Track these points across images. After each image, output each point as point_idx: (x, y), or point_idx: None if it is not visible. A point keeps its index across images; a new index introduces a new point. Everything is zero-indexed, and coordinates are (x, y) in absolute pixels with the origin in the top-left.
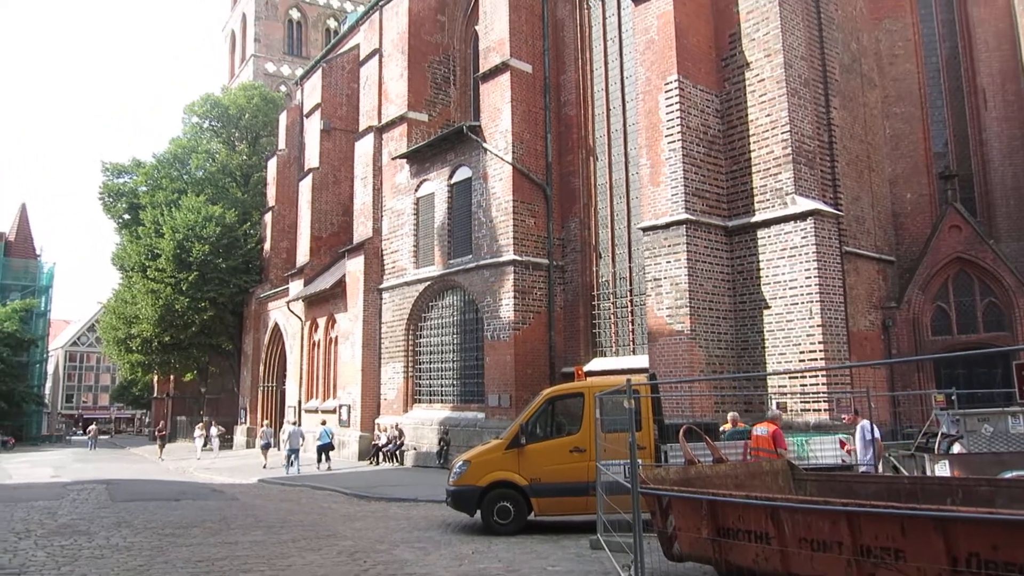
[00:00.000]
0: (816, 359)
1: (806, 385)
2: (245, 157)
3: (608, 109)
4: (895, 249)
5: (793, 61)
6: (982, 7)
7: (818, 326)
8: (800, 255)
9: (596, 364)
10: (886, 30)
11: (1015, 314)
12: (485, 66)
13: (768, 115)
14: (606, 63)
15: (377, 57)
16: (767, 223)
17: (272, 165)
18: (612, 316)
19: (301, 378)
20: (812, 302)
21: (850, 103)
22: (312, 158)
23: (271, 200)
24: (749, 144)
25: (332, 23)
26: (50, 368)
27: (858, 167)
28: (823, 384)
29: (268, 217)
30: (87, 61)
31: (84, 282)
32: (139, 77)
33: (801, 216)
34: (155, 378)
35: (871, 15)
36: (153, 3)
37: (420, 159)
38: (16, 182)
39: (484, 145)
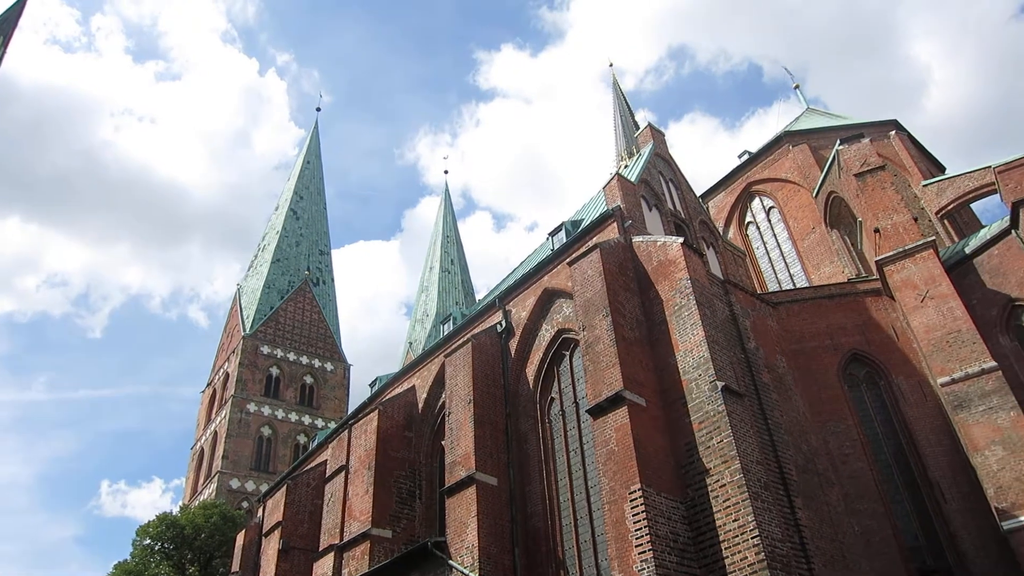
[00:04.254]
0: None
1: None
2: None
3: (575, 519)
4: None
5: (750, 466)
6: (914, 407)
7: None
8: None
9: None
10: (832, 432)
11: None
12: (451, 480)
13: (736, 520)
14: (570, 474)
15: (343, 474)
16: None
17: None
18: None
19: None
20: None
21: (813, 502)
22: None
23: None
24: (721, 551)
25: (302, 439)
26: None
27: (835, 568)
28: None
29: None
30: None
31: None
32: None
33: None
34: None
35: (814, 419)
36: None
37: None
38: None
39: (450, 563)
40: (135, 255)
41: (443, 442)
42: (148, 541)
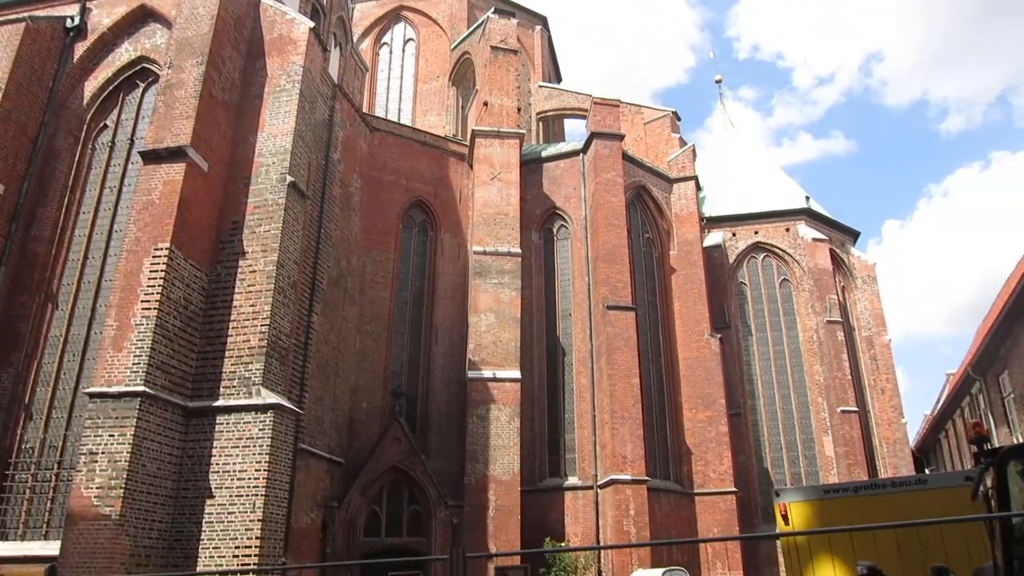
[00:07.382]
0: (251, 554)
1: None
2: None
3: (86, 258)
4: (347, 452)
5: (286, 262)
6: (446, 262)
7: (258, 520)
8: (255, 447)
9: None
10: (373, 259)
11: (433, 523)
12: None
13: (252, 305)
14: (96, 210)
15: None
16: (229, 410)
17: None
18: (28, 491)
19: None
20: (257, 495)
21: (331, 313)
22: None
23: None
24: (228, 329)
25: None
26: None
27: (326, 371)
28: None
29: None
30: None
31: None
32: None
33: (263, 408)
34: None
35: (364, 243)
36: None
37: None
38: None
39: None
40: None
41: None
42: None
